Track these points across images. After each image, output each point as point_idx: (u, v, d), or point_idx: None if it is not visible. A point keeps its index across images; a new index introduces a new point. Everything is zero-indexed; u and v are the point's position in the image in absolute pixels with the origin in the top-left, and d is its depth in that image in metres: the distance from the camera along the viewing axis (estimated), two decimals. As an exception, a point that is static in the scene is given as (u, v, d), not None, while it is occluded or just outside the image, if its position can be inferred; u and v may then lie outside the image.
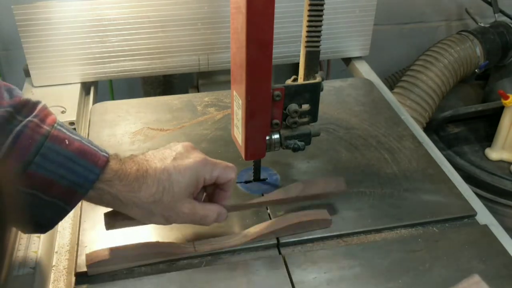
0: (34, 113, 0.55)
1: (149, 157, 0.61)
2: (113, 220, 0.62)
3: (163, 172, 0.59)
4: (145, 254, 0.63)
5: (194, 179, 0.60)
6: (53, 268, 0.64)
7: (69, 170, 0.55)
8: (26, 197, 0.54)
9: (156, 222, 0.61)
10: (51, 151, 0.54)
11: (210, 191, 0.65)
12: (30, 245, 0.65)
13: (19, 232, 0.67)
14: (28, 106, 0.56)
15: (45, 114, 0.56)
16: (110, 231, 0.62)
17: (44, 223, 0.58)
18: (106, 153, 0.58)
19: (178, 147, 0.62)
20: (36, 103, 0.57)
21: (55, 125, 0.56)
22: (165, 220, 0.60)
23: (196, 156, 0.61)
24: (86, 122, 0.95)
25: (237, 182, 0.76)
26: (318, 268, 0.63)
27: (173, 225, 0.62)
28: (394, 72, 1.58)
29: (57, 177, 0.54)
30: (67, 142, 0.55)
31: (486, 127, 1.38)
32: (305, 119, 0.69)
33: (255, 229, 0.67)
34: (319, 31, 0.65)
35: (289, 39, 1.06)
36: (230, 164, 0.64)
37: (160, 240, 0.65)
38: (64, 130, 0.56)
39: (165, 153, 0.61)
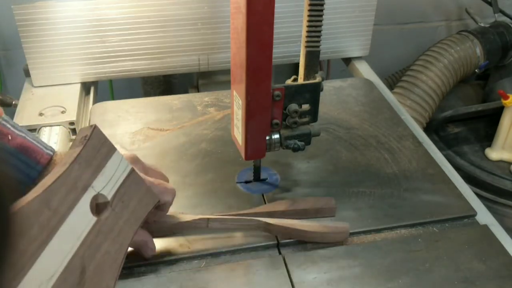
0: None
1: None
2: None
3: None
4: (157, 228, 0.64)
5: None
6: (53, 268, 0.64)
7: (10, 165, 0.54)
8: None
9: None
10: None
11: None
12: (30, 245, 0.65)
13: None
14: None
15: None
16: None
17: None
18: (52, 150, 0.58)
19: None
20: None
21: (0, 120, 0.56)
22: None
23: None
24: (86, 122, 0.95)
25: (237, 182, 0.76)
26: (318, 268, 0.63)
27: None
28: (394, 72, 1.58)
29: None
30: (9, 138, 0.55)
31: (486, 127, 1.38)
32: (305, 119, 0.69)
33: (274, 221, 0.66)
34: (319, 31, 0.65)
35: (289, 39, 1.06)
36: (170, 187, 0.63)
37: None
38: (8, 126, 0.56)
39: None
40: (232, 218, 0.66)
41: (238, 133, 0.68)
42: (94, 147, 0.54)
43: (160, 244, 0.65)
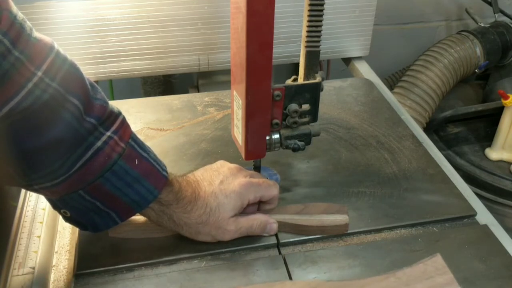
0: (114, 128, 0.57)
1: (199, 179, 0.65)
2: (119, 227, 0.64)
3: (211, 195, 0.63)
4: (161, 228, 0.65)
5: (239, 201, 0.64)
6: (53, 268, 0.64)
7: (133, 189, 0.57)
8: (84, 202, 0.57)
9: (203, 240, 0.64)
10: (121, 169, 0.56)
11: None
12: (30, 245, 0.65)
13: (19, 232, 0.67)
14: (111, 119, 0.57)
15: (124, 129, 0.58)
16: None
17: (86, 225, 0.60)
18: (166, 171, 0.61)
19: (225, 170, 0.66)
20: (118, 115, 0.58)
21: (130, 140, 0.58)
22: (212, 237, 0.64)
23: (241, 180, 0.65)
24: (86, 122, 0.95)
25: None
26: (318, 268, 0.63)
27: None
28: (394, 72, 1.58)
29: (121, 194, 0.57)
30: (136, 162, 0.57)
31: (486, 127, 1.38)
32: (305, 119, 0.70)
33: (273, 217, 0.67)
34: (319, 31, 0.65)
35: (289, 39, 1.06)
36: (272, 182, 0.69)
37: None
38: (136, 146, 0.58)
39: (212, 176, 0.65)
40: None
41: (238, 133, 0.68)
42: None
43: (160, 244, 0.65)
